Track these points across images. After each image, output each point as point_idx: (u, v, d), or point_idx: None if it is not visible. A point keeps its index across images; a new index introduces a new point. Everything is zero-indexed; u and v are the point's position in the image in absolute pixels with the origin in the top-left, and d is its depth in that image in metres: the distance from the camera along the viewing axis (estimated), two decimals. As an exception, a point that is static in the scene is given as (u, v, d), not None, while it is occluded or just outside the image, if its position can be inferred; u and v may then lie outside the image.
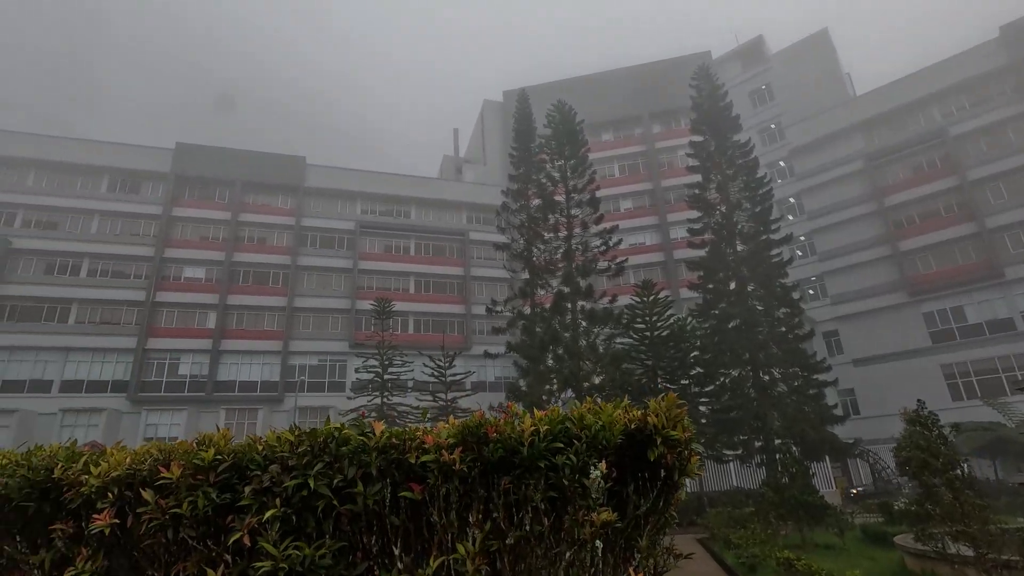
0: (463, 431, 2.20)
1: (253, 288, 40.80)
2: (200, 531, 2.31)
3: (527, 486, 2.09)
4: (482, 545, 2.08)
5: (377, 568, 2.23)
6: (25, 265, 37.46)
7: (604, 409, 2.25)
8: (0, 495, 2.52)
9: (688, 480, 3.09)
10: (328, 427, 2.36)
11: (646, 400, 2.44)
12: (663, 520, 2.36)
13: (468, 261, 45.98)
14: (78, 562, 2.42)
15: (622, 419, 2.23)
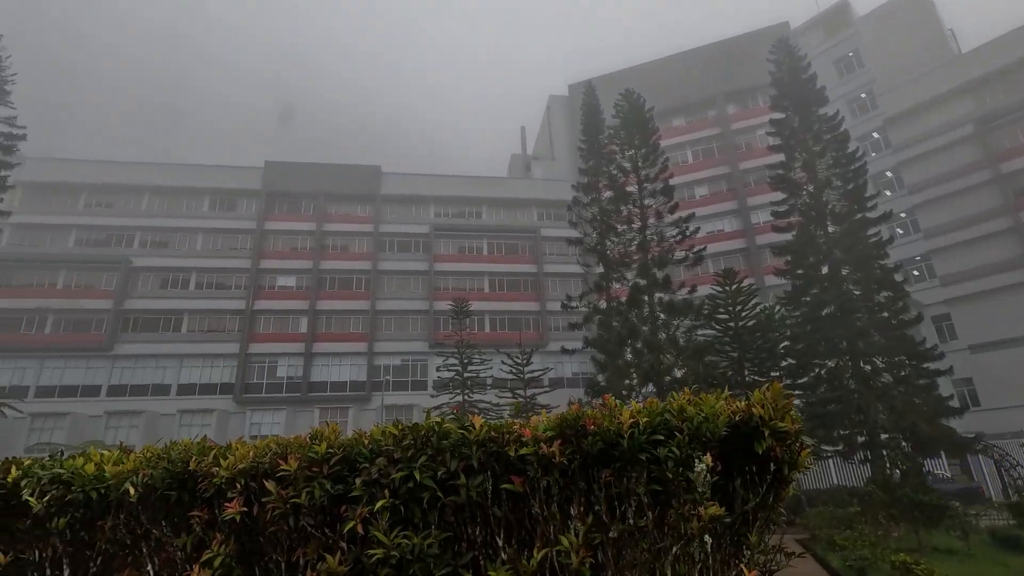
0: (561, 424, 2.20)
1: (339, 294, 43.08)
2: (317, 519, 2.47)
3: (629, 479, 2.06)
4: (585, 538, 2.08)
5: (482, 558, 2.28)
6: (144, 281, 41.70)
7: (705, 400, 2.17)
8: (147, 484, 2.83)
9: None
10: (429, 422, 2.45)
11: (734, 393, 2.33)
12: (772, 516, 2.26)
13: (540, 258, 46.05)
14: (213, 545, 2.67)
15: (725, 410, 2.15)
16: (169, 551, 2.88)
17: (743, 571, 1.96)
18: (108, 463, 3.07)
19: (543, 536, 2.17)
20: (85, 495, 3.00)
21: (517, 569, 2.16)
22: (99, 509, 3.05)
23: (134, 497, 2.82)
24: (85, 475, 3.03)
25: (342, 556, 2.39)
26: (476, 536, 2.30)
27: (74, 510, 3.05)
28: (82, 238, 42.56)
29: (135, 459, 3.02)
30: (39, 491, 3.08)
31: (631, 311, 24.53)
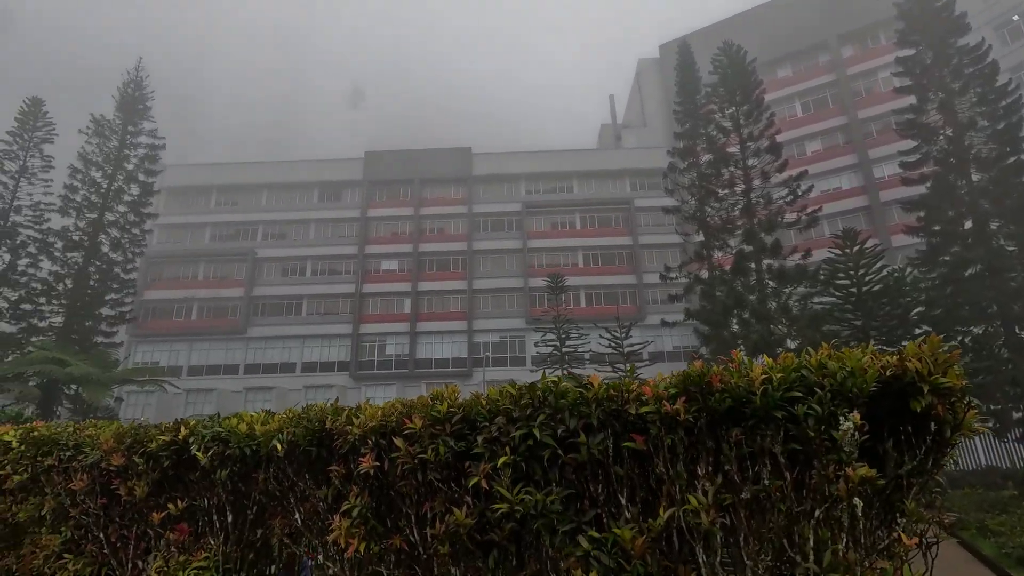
0: (685, 381, 2.11)
1: (438, 274, 44.80)
2: (443, 474, 2.59)
3: (763, 438, 1.93)
4: (715, 498, 1.99)
5: (605, 516, 2.27)
6: (268, 270, 45.96)
7: (848, 355, 1.98)
8: (291, 441, 3.12)
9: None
10: (545, 381, 2.46)
11: (880, 349, 2.09)
12: (929, 483, 2.03)
13: (635, 229, 44.76)
14: (351, 497, 2.90)
15: (874, 364, 1.94)
16: (312, 501, 3.17)
17: (901, 538, 1.78)
18: (257, 423, 3.43)
19: (669, 495, 2.11)
20: (240, 451, 3.38)
21: (642, 528, 2.13)
22: (252, 463, 3.43)
23: (281, 452, 3.13)
24: (239, 433, 3.41)
25: (468, 510, 2.49)
26: (599, 494, 2.29)
27: (232, 464, 3.45)
28: (215, 234, 47.60)
29: (279, 420, 3.34)
30: (204, 447, 3.51)
31: (736, 280, 23.18)
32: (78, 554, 4.25)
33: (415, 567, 2.87)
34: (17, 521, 4.79)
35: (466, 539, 2.49)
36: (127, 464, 3.87)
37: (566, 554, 2.25)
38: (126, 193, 30.48)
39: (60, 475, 4.37)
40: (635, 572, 2.07)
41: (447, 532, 2.49)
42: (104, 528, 4.15)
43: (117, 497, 4.01)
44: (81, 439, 4.36)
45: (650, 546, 2.08)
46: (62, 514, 4.43)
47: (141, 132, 31.50)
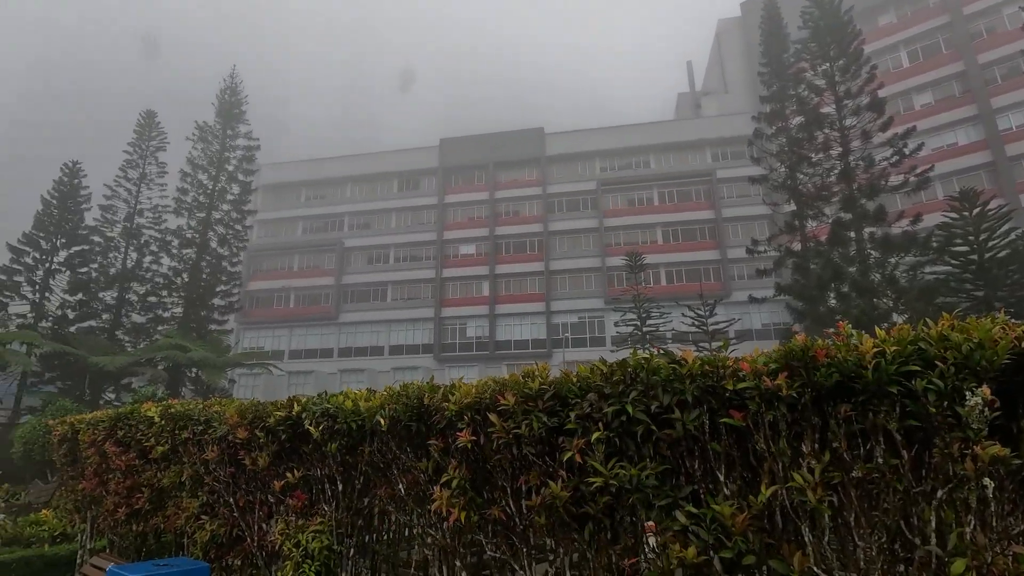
0: (787, 355, 2.04)
1: (514, 257, 45.18)
2: (537, 449, 2.68)
3: (876, 414, 1.83)
4: (822, 476, 1.92)
5: (703, 492, 2.26)
6: (355, 259, 48.42)
7: (973, 325, 1.82)
8: (393, 417, 3.33)
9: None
10: (636, 358, 2.46)
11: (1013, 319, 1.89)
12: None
13: (717, 203, 42.66)
14: (450, 470, 3.06)
15: (1006, 336, 1.78)
16: (414, 473, 3.38)
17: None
18: (361, 400, 3.69)
19: (770, 472, 2.06)
20: (347, 425, 3.66)
21: (742, 505, 2.10)
22: (358, 437, 3.70)
23: (384, 427, 3.35)
24: (346, 410, 3.69)
25: (563, 483, 2.57)
26: (695, 470, 2.27)
27: (341, 438, 3.75)
28: (306, 227, 50.71)
29: (381, 397, 3.58)
30: (315, 422, 3.84)
31: (833, 251, 21.54)
32: (213, 516, 4.80)
33: (511, 537, 3.00)
34: (162, 487, 5.48)
35: (562, 511, 2.57)
36: (250, 437, 4.31)
37: (663, 528, 2.26)
38: (228, 193, 33.13)
39: (195, 447, 4.95)
40: (736, 548, 2.05)
41: (543, 504, 2.58)
42: (233, 494, 4.66)
43: (243, 467, 4.48)
44: (210, 415, 4.90)
45: (751, 523, 2.05)
46: (198, 481, 5.02)
47: (238, 135, 34.00)
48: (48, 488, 14.34)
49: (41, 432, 16.80)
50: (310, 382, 43.35)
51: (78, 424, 7.18)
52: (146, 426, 5.63)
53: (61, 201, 28.52)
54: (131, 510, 5.89)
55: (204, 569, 3.71)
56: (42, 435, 16.58)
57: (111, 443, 6.13)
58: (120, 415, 6.17)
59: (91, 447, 6.59)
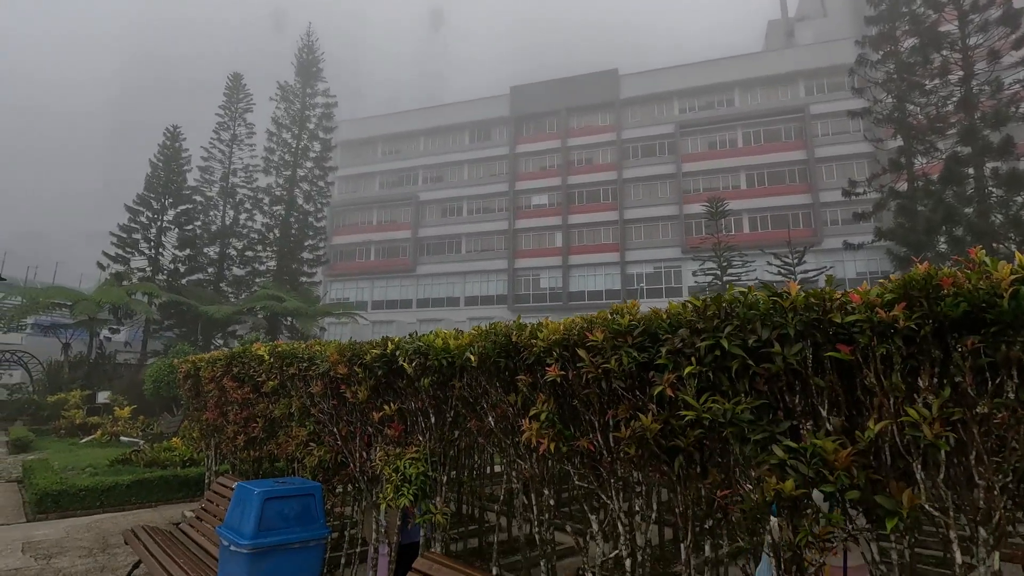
0: (906, 285, 1.90)
1: (588, 207, 44.35)
2: (627, 383, 2.71)
3: (1009, 346, 1.69)
4: (940, 411, 1.81)
5: (802, 428, 2.21)
6: (429, 211, 49.49)
7: None
8: (482, 354, 3.47)
9: None
10: (731, 292, 2.39)
11: None
12: None
13: (810, 142, 39.33)
14: (538, 403, 3.17)
15: None
16: (502, 407, 3.54)
17: None
18: (451, 339, 3.86)
19: (880, 408, 1.97)
20: (438, 362, 3.85)
21: (845, 441, 2.03)
22: (449, 374, 3.90)
23: (474, 363, 3.50)
24: (437, 348, 3.88)
25: (653, 416, 2.59)
26: (795, 405, 2.21)
27: (432, 374, 3.96)
28: (383, 181, 52.17)
29: (469, 336, 3.72)
30: (408, 359, 4.07)
31: (946, 190, 19.40)
32: (319, 444, 5.29)
33: (599, 468, 3.09)
34: (273, 417, 6.08)
35: (652, 443, 2.60)
36: (349, 373, 4.65)
37: (758, 462, 2.24)
38: (311, 150, 34.56)
39: (300, 381, 5.42)
40: (838, 482, 2.00)
41: (634, 436, 2.63)
42: (336, 424, 5.09)
43: (344, 399, 4.87)
44: (313, 353, 5.32)
45: (856, 458, 1.99)
46: (305, 413, 5.52)
47: (316, 93, 35.07)
48: (175, 420, 16.31)
49: (166, 371, 18.99)
50: (391, 331, 45.34)
51: (199, 363, 8.05)
52: (257, 363, 6.21)
53: (166, 163, 30.98)
54: (248, 438, 6.60)
55: (317, 487, 4.13)
56: (167, 374, 18.75)
57: (228, 379, 6.84)
58: (235, 354, 6.85)
59: (211, 382, 7.40)
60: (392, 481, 4.21)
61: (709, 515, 2.74)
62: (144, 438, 15.57)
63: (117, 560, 6.42)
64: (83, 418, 18.39)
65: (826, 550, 2.15)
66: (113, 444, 15.38)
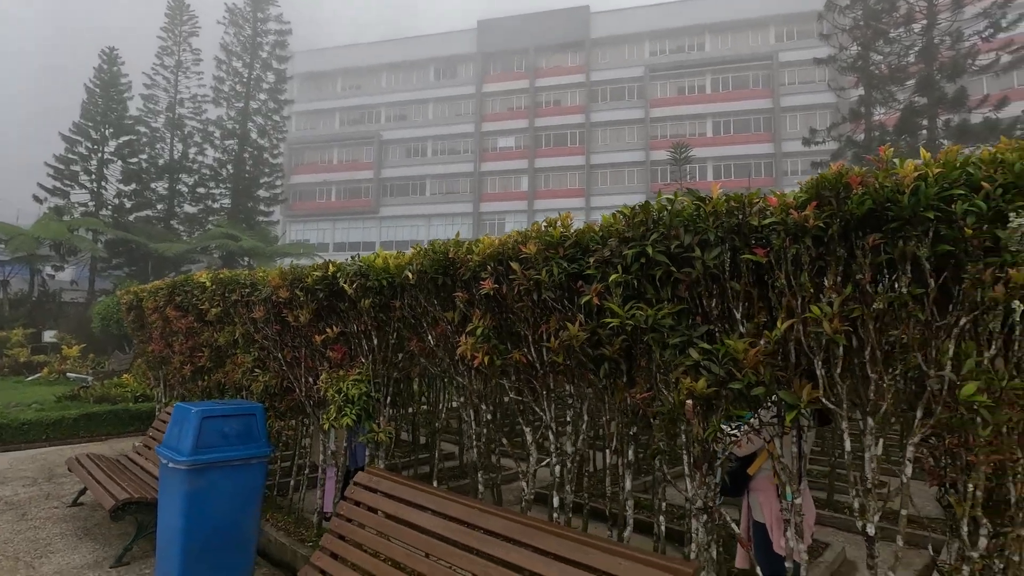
0: (818, 185, 1.93)
1: (554, 150, 43.73)
2: (557, 294, 2.73)
3: (906, 241, 1.74)
4: (841, 308, 1.89)
5: (718, 331, 2.28)
6: (392, 151, 47.93)
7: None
8: (420, 271, 3.43)
9: None
10: (660, 199, 2.39)
11: None
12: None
13: (777, 90, 39.33)
14: (474, 319, 3.18)
15: (1068, 153, 1.61)
16: (442, 325, 3.54)
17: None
18: (391, 259, 3.80)
19: (788, 308, 2.04)
20: (379, 283, 3.80)
21: (755, 341, 2.11)
22: (390, 294, 3.86)
23: (413, 281, 3.47)
24: (377, 268, 3.82)
25: (580, 326, 2.63)
26: (711, 309, 2.27)
27: (373, 295, 3.91)
28: (344, 118, 49.96)
29: (409, 255, 3.67)
30: (349, 280, 4.00)
31: (900, 141, 19.87)
32: (264, 370, 5.25)
33: (533, 382, 3.17)
34: (219, 345, 5.97)
35: (579, 352, 2.66)
36: (291, 297, 4.56)
37: (675, 365, 2.32)
38: (264, 81, 32.59)
39: (243, 307, 5.30)
40: (746, 380, 2.09)
41: (562, 346, 2.67)
42: (281, 350, 5.04)
43: (287, 324, 4.80)
44: (255, 279, 5.19)
45: (764, 358, 2.07)
46: (249, 339, 5.43)
47: (269, 18, 32.72)
48: (127, 358, 15.94)
49: (115, 309, 18.36)
50: (354, 274, 45.00)
51: (141, 293, 7.78)
52: (200, 291, 6.03)
53: (104, 89, 28.75)
54: (195, 368, 6.50)
55: (259, 407, 4.11)
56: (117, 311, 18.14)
57: (171, 308, 6.65)
58: (176, 283, 6.63)
59: (154, 312, 7.18)
60: (335, 402, 4.23)
61: (635, 422, 2.86)
62: (95, 376, 15.19)
63: (63, 488, 6.35)
64: (28, 356, 17.75)
65: (731, 444, 2.28)
66: (61, 382, 14.97)
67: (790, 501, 2.23)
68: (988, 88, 23.57)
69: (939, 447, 1.87)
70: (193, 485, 3.70)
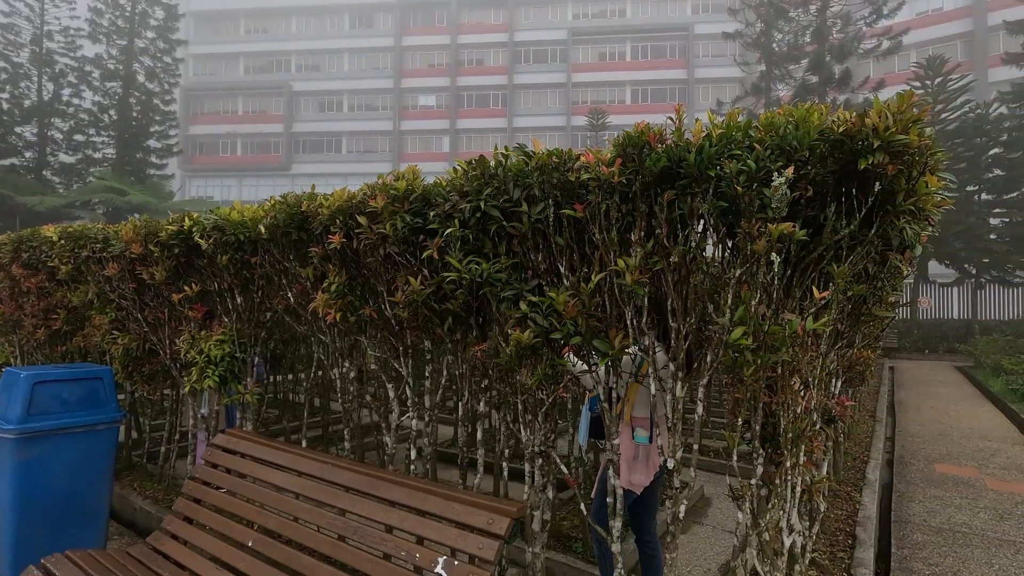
0: (624, 143, 2.01)
1: (477, 111, 42.92)
2: (401, 249, 2.70)
3: (693, 198, 1.87)
4: (642, 262, 2.00)
5: (546, 285, 2.36)
6: (304, 104, 45.04)
7: (798, 109, 1.80)
8: (274, 225, 3.28)
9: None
10: (496, 153, 2.41)
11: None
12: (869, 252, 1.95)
13: (691, 61, 40.57)
14: (330, 276, 3.10)
15: (822, 117, 1.78)
16: (301, 282, 3.43)
17: (812, 290, 1.77)
18: (247, 212, 3.59)
19: (601, 261, 2.14)
20: (236, 238, 3.60)
21: (578, 293, 2.21)
22: (250, 250, 3.67)
23: (266, 235, 3.31)
24: (233, 221, 3.60)
25: (424, 280, 2.63)
26: (540, 263, 2.35)
27: (232, 251, 3.70)
28: (249, 65, 46.10)
29: (266, 208, 3.49)
30: (205, 235, 3.75)
31: (794, 116, 21.18)
32: (124, 331, 4.87)
33: (391, 338, 3.16)
34: (74, 306, 5.46)
35: (423, 307, 2.67)
36: (145, 252, 4.22)
37: (508, 317, 2.39)
38: (151, 17, 29.25)
39: (96, 264, 4.85)
40: (566, 330, 2.19)
41: (406, 301, 2.67)
42: (141, 310, 4.69)
43: (144, 283, 4.45)
44: (107, 233, 4.74)
45: (581, 309, 2.17)
46: (105, 299, 5.01)
47: (155, -56, 29.13)
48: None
49: (-30, 270, 16.25)
50: (264, 234, 42.51)
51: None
52: (48, 247, 5.45)
53: (-52, 14, 24.62)
54: (50, 331, 5.93)
55: (106, 371, 3.82)
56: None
57: (17, 266, 5.96)
58: (22, 237, 5.94)
59: (0, 271, 6.42)
60: (197, 364, 4.02)
61: (485, 375, 2.94)
62: (-54, 344, 13.47)
63: None
64: None
65: (555, 390, 2.40)
66: (-97, 351, 13.16)
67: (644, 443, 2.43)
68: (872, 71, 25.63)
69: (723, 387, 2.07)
70: (25, 455, 3.42)
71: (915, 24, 29.65)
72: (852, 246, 1.90)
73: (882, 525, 4.81)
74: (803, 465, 2.09)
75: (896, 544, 4.31)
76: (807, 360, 1.89)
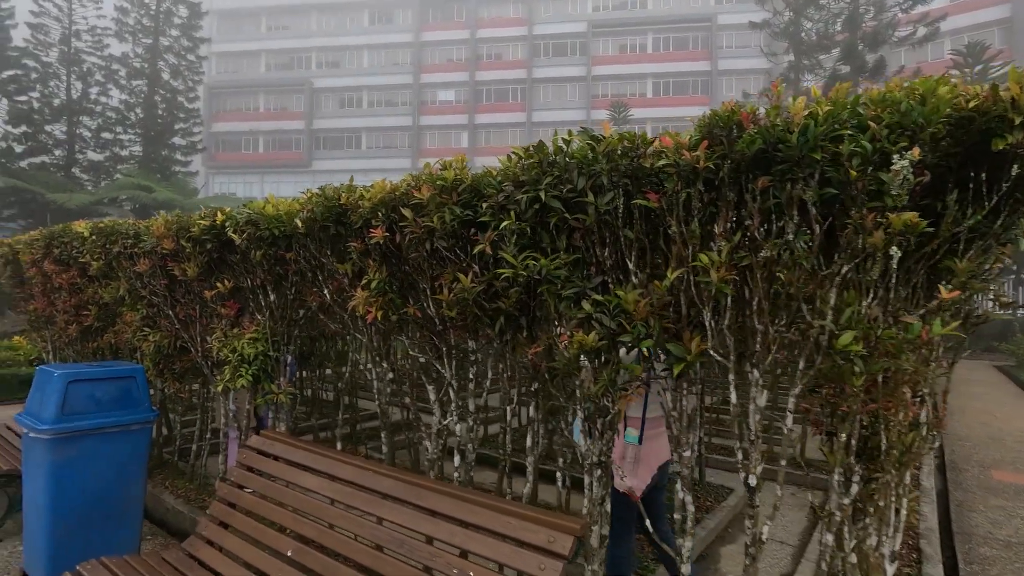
0: (710, 123, 1.80)
1: (496, 106, 42.67)
2: (450, 243, 2.53)
3: (793, 184, 1.65)
4: (729, 257, 1.79)
5: (611, 282, 2.16)
6: (325, 101, 45.26)
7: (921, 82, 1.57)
8: (311, 219, 3.13)
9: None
10: (557, 138, 2.21)
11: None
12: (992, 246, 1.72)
13: (715, 52, 39.76)
14: (369, 271, 2.94)
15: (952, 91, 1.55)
16: (338, 279, 3.28)
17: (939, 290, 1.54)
18: (282, 206, 3.46)
19: (679, 256, 1.93)
20: (270, 232, 3.46)
21: (648, 291, 2.01)
22: (284, 245, 3.53)
23: (302, 229, 3.16)
24: (267, 215, 3.47)
25: (475, 277, 2.46)
26: (605, 259, 2.15)
27: (266, 246, 3.57)
28: (270, 62, 46.45)
29: (302, 201, 3.34)
30: (238, 229, 3.63)
31: (824, 107, 20.56)
32: (155, 328, 4.79)
33: (433, 338, 2.99)
34: (105, 302, 5.41)
35: (473, 306, 2.49)
36: (177, 248, 4.12)
37: (569, 318, 2.20)
38: (175, 15, 29.56)
39: (127, 260, 4.78)
40: (635, 333, 1.99)
41: (455, 299, 2.50)
42: (172, 307, 4.60)
43: (176, 279, 4.36)
44: (138, 228, 4.66)
45: (652, 310, 1.97)
46: (136, 296, 4.94)
47: (179, -58, 29.40)
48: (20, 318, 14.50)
49: (3, 265, 16.57)
50: (285, 230, 42.90)
51: (16, 245, 6.93)
52: (79, 243, 5.40)
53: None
54: (81, 327, 5.90)
55: (139, 369, 3.73)
56: (5, 268, 16.38)
57: (49, 262, 5.95)
58: (54, 233, 5.92)
59: (32, 267, 6.41)
60: (230, 362, 3.91)
61: (536, 378, 2.75)
62: (-19, 338, 13.76)
63: (-72, 461, 5.69)
64: (-100, 317, 15.85)
65: (622, 398, 2.20)
66: (-60, 345, 13.47)
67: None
68: (905, 60, 24.78)
69: (820, 398, 1.85)
70: (60, 455, 3.33)
71: (951, 11, 28.60)
72: (970, 239, 1.67)
73: (943, 536, 4.54)
74: (907, 484, 1.87)
75: (963, 559, 4.04)
76: (923, 368, 1.67)
